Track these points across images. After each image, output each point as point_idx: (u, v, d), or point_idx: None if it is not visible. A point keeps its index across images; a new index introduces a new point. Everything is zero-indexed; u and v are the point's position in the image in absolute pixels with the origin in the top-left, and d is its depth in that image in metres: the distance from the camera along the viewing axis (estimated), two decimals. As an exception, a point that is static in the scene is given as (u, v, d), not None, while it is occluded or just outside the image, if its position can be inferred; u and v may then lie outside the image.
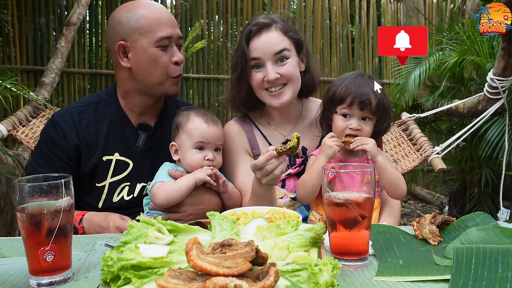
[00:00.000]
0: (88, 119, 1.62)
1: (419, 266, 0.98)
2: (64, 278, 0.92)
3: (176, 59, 1.57)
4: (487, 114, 2.78)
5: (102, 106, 1.66)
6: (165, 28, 1.55)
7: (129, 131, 1.65)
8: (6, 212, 2.81)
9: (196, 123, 1.56)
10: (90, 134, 1.60)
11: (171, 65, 1.57)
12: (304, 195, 1.56)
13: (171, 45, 1.57)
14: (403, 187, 1.56)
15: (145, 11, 1.57)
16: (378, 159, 1.50)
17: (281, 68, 1.62)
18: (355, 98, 1.52)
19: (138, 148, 1.65)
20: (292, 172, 1.70)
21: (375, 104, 1.53)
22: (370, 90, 1.53)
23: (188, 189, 1.47)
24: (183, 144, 1.56)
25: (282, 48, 1.63)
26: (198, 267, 0.75)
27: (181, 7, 4.54)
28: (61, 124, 1.60)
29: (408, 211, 4.93)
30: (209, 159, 1.55)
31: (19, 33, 3.97)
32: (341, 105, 1.55)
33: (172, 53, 1.57)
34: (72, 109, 1.65)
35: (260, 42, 1.63)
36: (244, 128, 1.78)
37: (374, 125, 1.58)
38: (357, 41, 5.25)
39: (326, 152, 1.50)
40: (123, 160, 1.62)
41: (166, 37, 1.55)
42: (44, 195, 0.91)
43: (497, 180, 3.08)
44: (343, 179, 1.03)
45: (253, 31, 1.65)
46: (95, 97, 1.71)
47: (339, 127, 1.57)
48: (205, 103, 4.72)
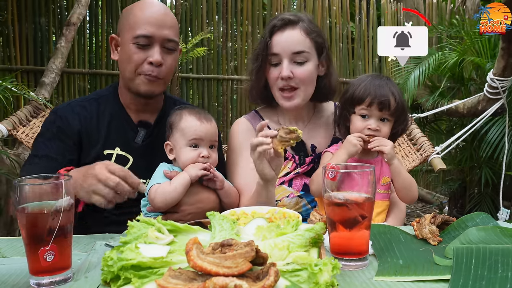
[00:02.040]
0: (90, 113, 1.64)
1: (419, 266, 0.98)
2: (64, 278, 0.92)
3: (150, 59, 1.56)
4: (487, 114, 2.79)
5: (102, 102, 1.68)
6: (147, 27, 1.55)
7: (129, 127, 1.67)
8: (6, 212, 2.81)
9: (189, 121, 1.56)
10: (92, 126, 1.62)
11: (145, 64, 1.57)
12: (317, 189, 1.56)
13: (152, 45, 1.57)
14: (415, 192, 1.58)
15: (138, 9, 1.60)
16: (394, 162, 1.52)
17: (297, 69, 1.62)
18: (375, 99, 1.53)
19: (137, 144, 1.66)
20: (300, 171, 1.68)
21: (394, 105, 1.54)
22: (389, 91, 1.54)
23: (184, 187, 1.47)
24: (177, 142, 1.56)
25: (302, 50, 1.62)
26: (198, 267, 0.75)
27: (181, 7, 4.54)
28: (64, 113, 1.62)
29: (408, 211, 4.94)
30: (204, 156, 1.55)
31: (19, 33, 3.98)
32: (360, 106, 1.56)
33: (150, 53, 1.57)
34: (73, 103, 1.69)
35: (282, 38, 1.63)
36: (254, 125, 1.76)
37: (392, 126, 1.59)
38: (357, 41, 5.25)
39: (349, 149, 1.51)
40: (124, 155, 1.63)
41: (144, 36, 1.55)
42: (44, 195, 0.91)
43: (497, 180, 3.08)
44: (343, 179, 1.03)
45: (277, 25, 1.65)
46: (94, 94, 1.74)
47: (357, 127, 1.57)
48: (205, 103, 4.72)
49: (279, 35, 1.64)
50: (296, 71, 1.61)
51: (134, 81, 1.59)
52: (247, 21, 4.84)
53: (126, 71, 1.60)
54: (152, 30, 1.55)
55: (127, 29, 1.59)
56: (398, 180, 1.55)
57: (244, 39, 4.83)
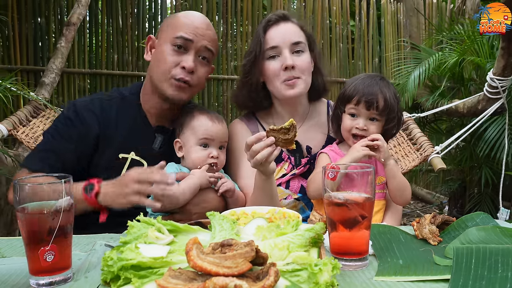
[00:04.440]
0: (110, 113, 1.62)
1: (419, 266, 0.98)
2: (64, 278, 0.92)
3: (184, 64, 1.55)
4: (487, 114, 2.78)
5: (124, 104, 1.66)
6: (187, 30, 1.56)
7: (147, 132, 1.65)
8: (6, 212, 2.81)
9: (201, 120, 1.57)
10: (110, 129, 1.60)
11: (178, 68, 1.56)
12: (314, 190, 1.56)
13: (189, 50, 1.56)
14: (408, 194, 1.57)
15: (184, 16, 1.62)
16: (389, 162, 1.51)
17: (297, 59, 1.63)
18: (362, 97, 1.53)
19: (154, 150, 1.64)
20: (297, 173, 1.68)
21: (382, 104, 1.53)
22: (378, 90, 1.53)
23: (191, 193, 1.47)
24: (187, 141, 1.56)
25: (300, 40, 1.65)
26: (198, 267, 0.75)
27: (181, 7, 4.54)
28: (83, 111, 1.60)
29: (408, 211, 4.93)
30: (213, 156, 1.55)
31: (19, 33, 3.97)
32: (349, 104, 1.56)
33: (185, 58, 1.56)
34: (95, 99, 1.65)
35: (278, 30, 1.65)
36: (249, 127, 1.77)
37: (382, 126, 1.58)
38: (357, 41, 5.25)
39: (352, 155, 1.49)
40: (138, 160, 1.61)
41: (184, 38, 1.55)
42: (44, 195, 0.91)
43: (497, 180, 3.08)
44: (343, 179, 1.03)
45: (272, 20, 1.67)
46: (118, 93, 1.70)
47: (346, 126, 1.57)
48: (205, 103, 4.72)
49: (275, 29, 1.65)
50: (296, 61, 1.62)
51: (163, 83, 1.57)
52: (247, 21, 4.84)
53: (158, 72, 1.58)
54: (193, 35, 1.56)
55: (168, 30, 1.58)
56: (393, 182, 1.54)
57: (244, 39, 4.83)
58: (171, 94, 1.57)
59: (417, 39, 4.14)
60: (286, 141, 1.33)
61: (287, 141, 1.33)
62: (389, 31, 5.36)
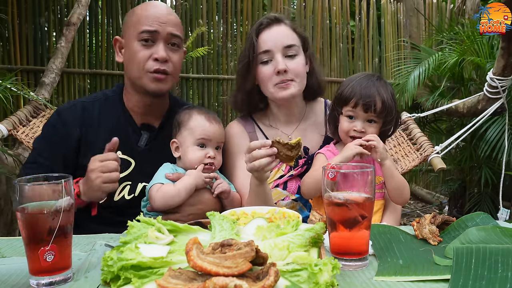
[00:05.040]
0: (92, 115, 1.64)
1: (419, 266, 0.98)
2: (64, 278, 0.92)
3: (155, 56, 1.55)
4: (487, 113, 2.78)
5: (107, 104, 1.68)
6: (150, 22, 1.55)
7: (132, 130, 1.66)
8: (6, 212, 2.81)
9: (199, 120, 1.57)
10: (93, 129, 1.62)
11: (151, 60, 1.56)
12: (308, 188, 1.55)
13: (157, 42, 1.56)
14: (407, 194, 1.56)
15: (141, 9, 1.61)
16: (386, 162, 1.50)
17: (290, 62, 1.62)
18: (359, 100, 1.51)
19: (140, 148, 1.65)
20: (294, 173, 1.68)
21: (380, 106, 1.51)
22: (376, 92, 1.51)
23: (187, 193, 1.47)
24: (184, 141, 1.56)
25: (292, 43, 1.64)
26: (198, 267, 0.75)
27: (181, 7, 4.54)
28: (65, 116, 1.63)
29: (408, 211, 4.93)
30: (210, 157, 1.55)
31: (19, 33, 3.97)
32: (346, 107, 1.55)
33: (155, 49, 1.56)
34: (77, 103, 1.68)
35: (270, 34, 1.64)
36: (246, 129, 1.77)
37: (380, 127, 1.57)
38: (357, 41, 5.25)
39: (344, 153, 1.48)
40: (126, 159, 1.62)
41: (148, 31, 1.54)
42: (44, 195, 0.91)
43: (497, 180, 3.08)
44: (343, 179, 1.03)
45: (263, 23, 1.66)
46: (101, 94, 1.74)
47: (343, 128, 1.56)
48: (205, 103, 4.72)
49: (267, 32, 1.64)
50: (289, 65, 1.62)
51: (141, 79, 1.58)
52: (247, 21, 4.84)
53: (133, 70, 1.59)
54: (156, 25, 1.55)
55: (131, 28, 1.59)
56: (391, 182, 1.53)
57: (244, 39, 4.82)
58: (152, 88, 1.58)
59: (417, 39, 4.14)
60: (287, 157, 1.34)
61: (288, 157, 1.34)
62: (389, 31, 5.36)
